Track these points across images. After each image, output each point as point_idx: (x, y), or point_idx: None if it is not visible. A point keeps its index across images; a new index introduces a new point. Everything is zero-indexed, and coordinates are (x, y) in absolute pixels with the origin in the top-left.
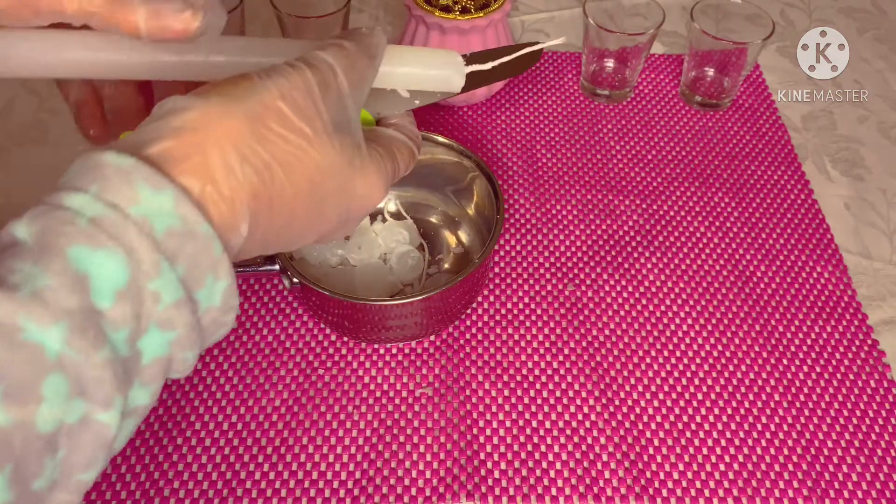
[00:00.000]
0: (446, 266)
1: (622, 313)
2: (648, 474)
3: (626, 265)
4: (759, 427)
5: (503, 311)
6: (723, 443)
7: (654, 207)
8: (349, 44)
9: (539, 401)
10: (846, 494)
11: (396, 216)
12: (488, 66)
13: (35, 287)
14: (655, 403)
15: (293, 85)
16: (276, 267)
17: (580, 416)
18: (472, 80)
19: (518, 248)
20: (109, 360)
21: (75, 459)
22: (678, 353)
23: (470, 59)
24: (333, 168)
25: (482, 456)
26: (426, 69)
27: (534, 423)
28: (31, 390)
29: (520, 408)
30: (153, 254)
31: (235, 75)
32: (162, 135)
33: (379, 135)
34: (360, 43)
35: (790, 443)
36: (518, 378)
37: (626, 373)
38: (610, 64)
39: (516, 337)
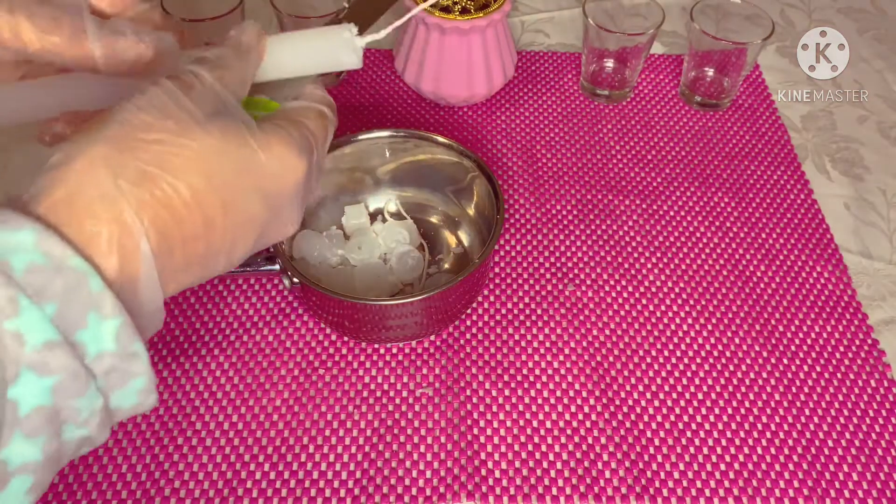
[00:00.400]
0: (446, 266)
1: (622, 313)
2: (649, 474)
3: (626, 265)
4: (760, 427)
5: (503, 311)
6: (723, 443)
7: (654, 207)
8: (214, 50)
9: (539, 401)
10: (846, 494)
11: (396, 216)
12: (382, 34)
13: None
14: (656, 403)
15: (151, 95)
16: (277, 267)
17: (580, 416)
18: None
19: (518, 248)
20: None
21: None
22: (678, 353)
23: (355, 22)
24: (222, 154)
25: (482, 456)
26: (316, 54)
27: (534, 423)
28: None
29: (520, 408)
30: (8, 290)
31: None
32: (34, 182)
33: (280, 111)
34: (227, 44)
35: (790, 443)
36: (518, 378)
37: (626, 373)
38: (610, 64)
39: (516, 337)
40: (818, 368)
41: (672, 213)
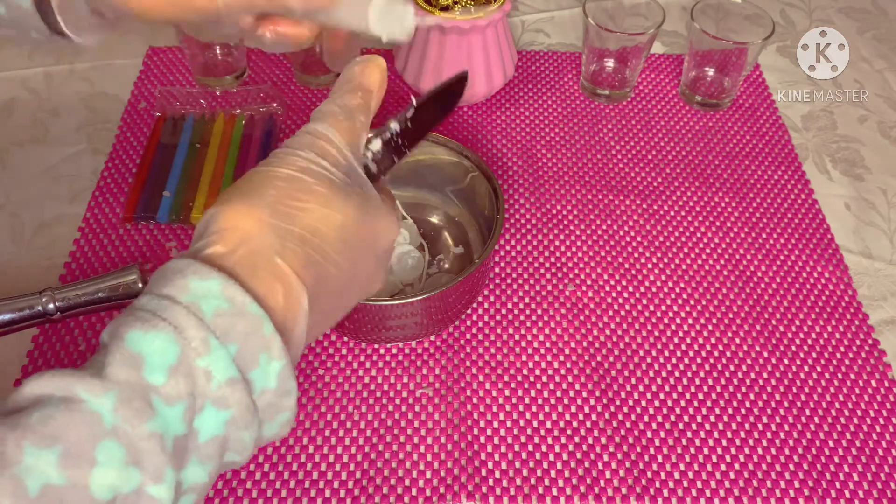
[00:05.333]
0: (446, 266)
1: (622, 313)
2: (649, 474)
3: (627, 265)
4: (760, 427)
5: (503, 311)
6: (723, 443)
7: (654, 207)
8: (339, 99)
9: (539, 401)
10: (847, 494)
11: None
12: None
13: (98, 367)
14: (656, 403)
15: (297, 160)
16: None
17: (580, 416)
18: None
19: (518, 248)
20: (157, 433)
21: None
22: (678, 353)
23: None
24: (358, 223)
25: (482, 456)
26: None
27: (534, 423)
28: (86, 453)
29: (520, 408)
30: (201, 331)
31: (248, 173)
32: (210, 240)
33: (378, 188)
34: (349, 88)
35: (790, 443)
36: (518, 378)
37: (626, 373)
38: (610, 64)
39: (516, 337)
40: (818, 368)
41: (672, 213)
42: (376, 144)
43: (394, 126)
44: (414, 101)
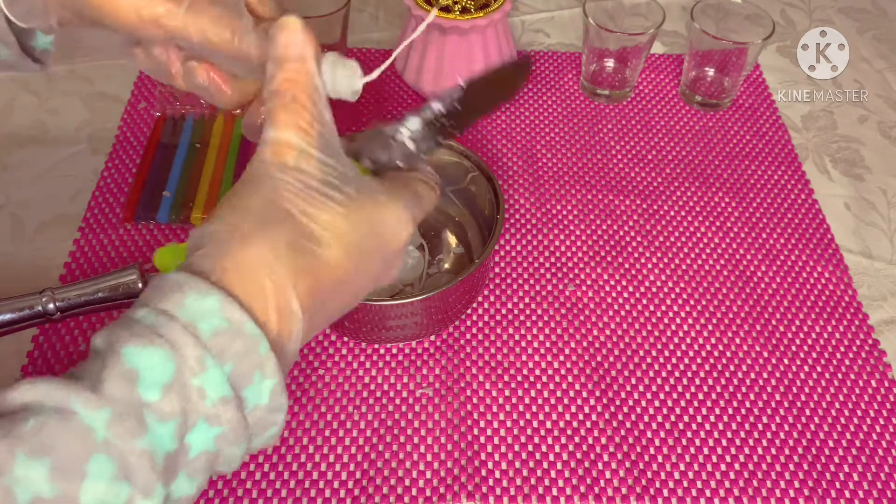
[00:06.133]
0: (446, 266)
1: (622, 313)
2: (649, 474)
3: (627, 265)
4: (760, 427)
5: (503, 311)
6: (723, 443)
7: (655, 207)
8: (273, 98)
9: (539, 401)
10: (847, 494)
11: None
12: (375, 74)
13: (94, 381)
14: (656, 403)
15: (292, 172)
16: None
17: (580, 416)
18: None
19: (518, 248)
20: (148, 450)
21: None
22: (678, 353)
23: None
24: (356, 225)
25: (482, 456)
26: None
27: (534, 423)
28: (77, 466)
29: (520, 408)
30: (197, 350)
31: (232, 189)
32: (206, 252)
33: (395, 176)
34: (284, 84)
35: (790, 443)
36: (518, 378)
37: (626, 373)
38: (610, 64)
39: (517, 337)
40: (818, 368)
41: (672, 213)
42: (414, 123)
43: (437, 106)
44: (461, 82)
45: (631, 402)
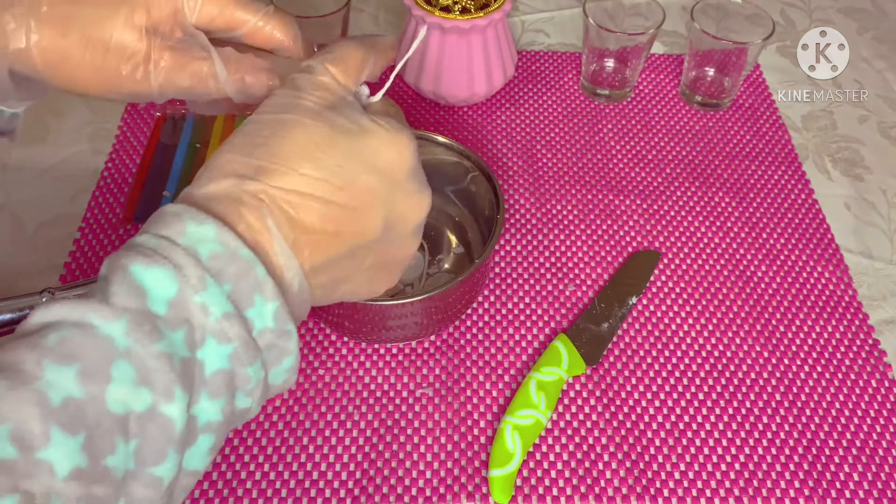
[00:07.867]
0: (446, 266)
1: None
2: (649, 474)
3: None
4: (760, 427)
5: (503, 311)
6: (723, 443)
7: (655, 207)
8: (340, 43)
9: None
10: (847, 494)
11: None
12: (378, 96)
13: (104, 295)
14: (656, 403)
15: (271, 100)
16: None
17: (580, 416)
18: None
19: (518, 248)
20: (165, 353)
21: (146, 451)
22: (678, 353)
23: None
24: (329, 141)
25: (483, 456)
26: None
27: None
28: (102, 370)
29: None
30: (198, 270)
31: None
32: (202, 183)
33: (370, 107)
34: (356, 38)
35: (791, 443)
36: (518, 378)
37: (626, 373)
38: (610, 64)
39: (517, 337)
40: (818, 368)
41: (672, 213)
42: None
43: None
44: None
45: (631, 402)
